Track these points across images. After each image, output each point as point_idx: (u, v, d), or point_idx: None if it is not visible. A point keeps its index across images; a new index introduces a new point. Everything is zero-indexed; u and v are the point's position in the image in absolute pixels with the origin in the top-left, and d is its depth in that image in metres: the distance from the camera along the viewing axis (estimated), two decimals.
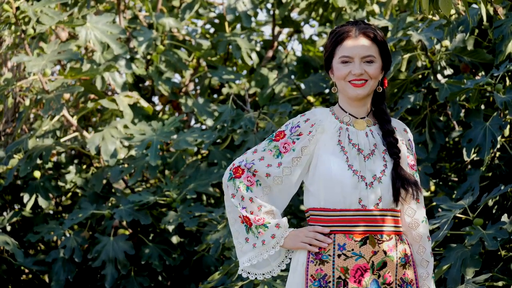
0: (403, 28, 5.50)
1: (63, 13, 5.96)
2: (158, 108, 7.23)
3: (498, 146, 4.79)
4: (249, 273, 3.32)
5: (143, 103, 6.27)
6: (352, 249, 3.18)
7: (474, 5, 4.90)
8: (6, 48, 6.24)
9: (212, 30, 7.29)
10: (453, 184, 5.41)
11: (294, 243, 3.23)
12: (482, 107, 5.07)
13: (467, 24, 4.99)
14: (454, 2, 3.75)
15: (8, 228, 6.28)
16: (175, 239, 5.95)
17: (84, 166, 6.59)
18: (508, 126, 4.81)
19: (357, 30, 3.23)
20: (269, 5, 7.04)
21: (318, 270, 3.20)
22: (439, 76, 5.25)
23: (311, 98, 6.60)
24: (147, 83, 7.03)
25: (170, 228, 5.88)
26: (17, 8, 5.85)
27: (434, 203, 4.89)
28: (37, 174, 6.17)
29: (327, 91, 6.51)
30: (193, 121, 7.05)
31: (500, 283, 4.22)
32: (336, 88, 3.28)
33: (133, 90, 6.66)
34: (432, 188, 5.40)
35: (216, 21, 7.19)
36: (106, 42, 6.14)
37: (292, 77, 6.80)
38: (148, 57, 6.71)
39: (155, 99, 7.21)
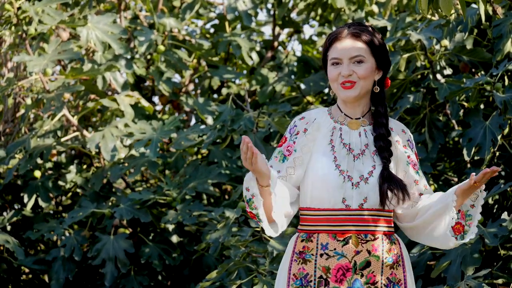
0: (402, 28, 5.52)
1: (64, 13, 5.98)
2: (158, 108, 7.25)
3: (498, 145, 4.81)
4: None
5: (144, 103, 6.30)
6: (335, 249, 3.19)
7: (474, 5, 4.92)
8: (7, 48, 6.26)
9: (212, 30, 7.32)
10: (453, 183, 5.42)
11: (256, 173, 3.11)
12: (482, 106, 5.09)
13: (466, 24, 5.01)
14: (453, 2, 3.77)
15: (8, 228, 6.29)
16: (175, 239, 5.96)
17: (85, 166, 6.61)
18: (508, 126, 4.82)
19: (347, 32, 3.24)
20: (269, 5, 7.07)
21: (300, 269, 3.21)
22: (438, 76, 5.26)
23: (310, 98, 6.62)
24: (147, 83, 7.05)
25: (170, 227, 5.89)
26: (19, 8, 5.87)
27: None
28: (37, 173, 6.18)
29: (326, 90, 6.54)
30: (193, 121, 7.07)
31: (500, 281, 4.23)
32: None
33: (134, 90, 6.68)
34: (432, 187, 5.42)
35: (216, 21, 7.21)
36: (107, 42, 6.16)
37: (292, 77, 6.83)
38: (149, 57, 6.73)
39: (155, 99, 7.23)
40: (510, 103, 4.57)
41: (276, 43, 7.12)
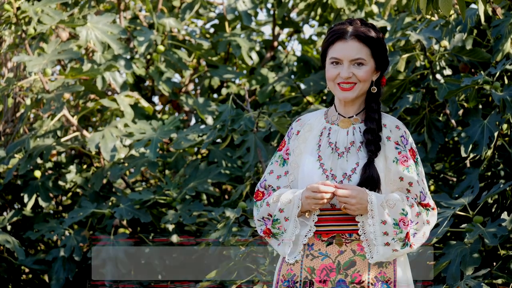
0: (402, 28, 5.52)
1: (64, 13, 5.98)
2: (158, 108, 7.25)
3: (497, 144, 4.81)
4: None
5: (144, 103, 6.30)
6: (319, 249, 3.20)
7: (473, 5, 4.93)
8: (6, 48, 6.26)
9: (212, 30, 7.32)
10: (453, 183, 5.42)
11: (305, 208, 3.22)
12: (480, 106, 5.09)
13: (465, 24, 5.01)
14: (453, 2, 3.77)
15: (9, 228, 6.30)
16: (175, 239, 5.96)
17: (85, 166, 6.61)
18: (507, 125, 4.83)
19: (350, 32, 3.22)
20: (269, 5, 7.07)
21: (288, 270, 3.24)
22: (438, 76, 5.27)
23: (310, 98, 6.63)
24: (147, 83, 7.05)
25: (170, 226, 5.89)
26: (18, 8, 5.87)
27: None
28: (37, 173, 6.19)
29: (326, 90, 6.54)
30: (193, 121, 7.07)
31: (499, 281, 4.23)
32: None
33: (133, 90, 6.68)
34: (432, 187, 5.42)
35: (216, 21, 7.21)
36: (106, 42, 6.17)
37: (292, 77, 6.83)
38: (148, 57, 6.73)
39: (155, 99, 7.23)
40: (509, 101, 4.57)
41: (276, 43, 7.12)
